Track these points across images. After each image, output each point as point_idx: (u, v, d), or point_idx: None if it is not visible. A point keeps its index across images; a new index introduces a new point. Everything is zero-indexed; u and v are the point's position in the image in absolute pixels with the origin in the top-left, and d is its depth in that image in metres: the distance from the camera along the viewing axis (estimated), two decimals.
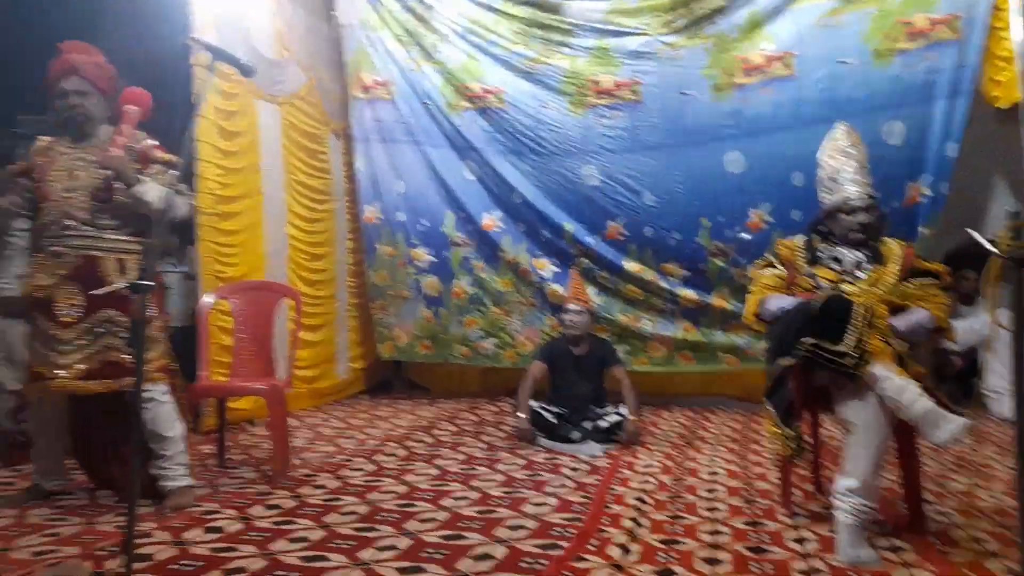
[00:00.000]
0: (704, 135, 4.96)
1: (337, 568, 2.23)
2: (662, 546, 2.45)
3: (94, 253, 2.84)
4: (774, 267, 2.84)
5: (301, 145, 5.25)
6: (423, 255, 5.67)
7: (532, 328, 5.53)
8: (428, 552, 2.36)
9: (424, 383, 6.21)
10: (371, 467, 3.58)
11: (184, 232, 4.61)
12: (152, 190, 2.80)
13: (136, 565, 1.97)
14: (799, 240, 2.84)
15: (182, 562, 2.29)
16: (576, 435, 3.95)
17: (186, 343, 3.85)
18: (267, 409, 4.17)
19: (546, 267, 5.45)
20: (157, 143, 2.97)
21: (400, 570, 2.21)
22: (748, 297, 2.86)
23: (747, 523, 2.70)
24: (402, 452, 3.92)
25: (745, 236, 4.94)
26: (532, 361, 4.37)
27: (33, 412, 3.05)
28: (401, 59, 5.52)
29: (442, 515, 2.76)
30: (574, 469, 3.49)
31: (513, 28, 5.28)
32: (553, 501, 2.96)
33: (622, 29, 5.11)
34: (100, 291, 2.78)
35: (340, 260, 5.77)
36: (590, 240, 5.27)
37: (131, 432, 2.99)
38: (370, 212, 5.74)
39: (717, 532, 2.60)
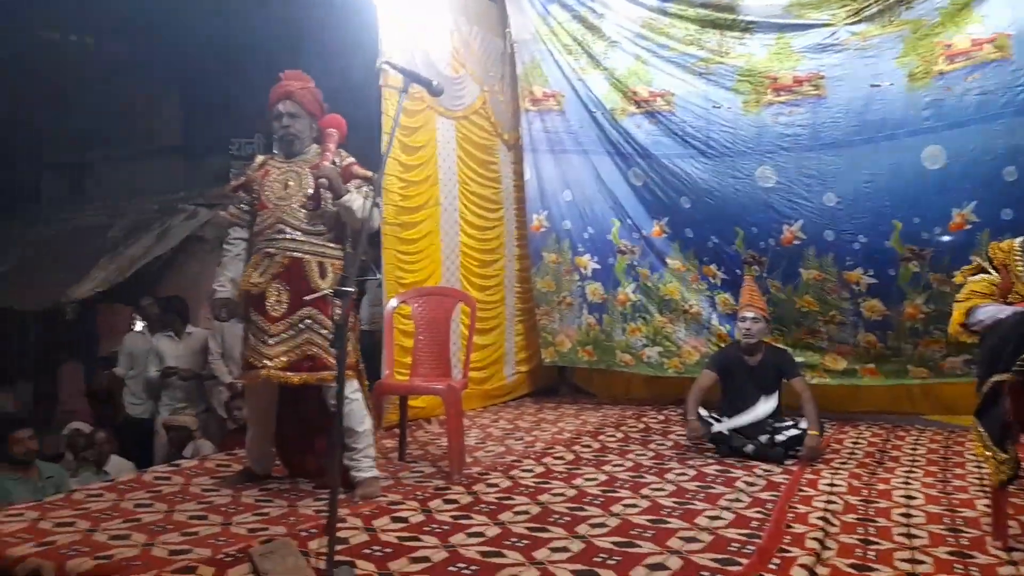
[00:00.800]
0: (897, 129, 4.57)
1: (514, 565, 2.31)
2: (853, 571, 2.30)
3: (300, 256, 3.13)
4: (986, 272, 2.58)
5: (474, 156, 5.49)
6: (588, 262, 5.71)
7: (699, 337, 5.39)
8: (601, 557, 2.38)
9: (589, 388, 6.24)
10: (540, 469, 3.67)
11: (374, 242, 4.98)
12: (357, 200, 3.07)
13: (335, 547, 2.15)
14: (1017, 243, 2.56)
15: (373, 547, 2.48)
16: (750, 448, 3.80)
17: (371, 345, 4.16)
18: (443, 408, 4.41)
19: (716, 274, 5.29)
20: (355, 160, 3.25)
21: (574, 572, 2.25)
22: (955, 305, 2.61)
23: (952, 553, 2.46)
24: (570, 456, 3.97)
25: (945, 238, 4.50)
26: (700, 371, 4.25)
27: (247, 401, 3.43)
28: (570, 69, 5.60)
29: (613, 521, 2.77)
30: (750, 483, 3.35)
31: (686, 29, 5.18)
32: (728, 515, 2.87)
33: (805, 22, 4.84)
34: (310, 296, 3.06)
35: (509, 266, 5.95)
36: (763, 245, 5.04)
37: (325, 425, 3.32)
38: (537, 220, 5.87)
39: (916, 561, 2.40)
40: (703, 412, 3.97)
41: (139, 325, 6.74)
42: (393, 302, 4.03)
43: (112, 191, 9.01)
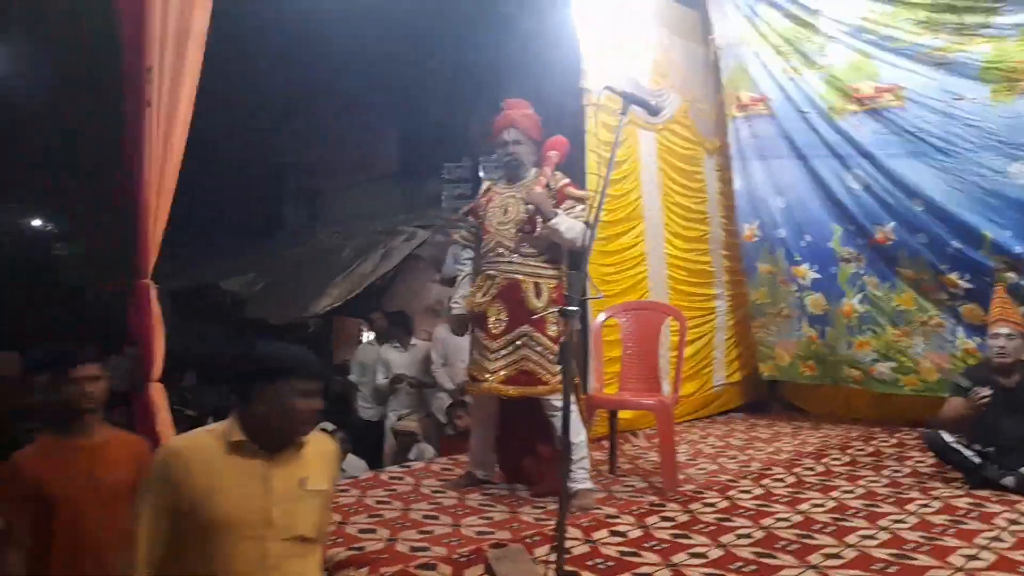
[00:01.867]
0: None
1: None
2: None
3: (517, 277, 3.31)
4: None
5: (677, 168, 5.41)
6: (806, 272, 5.36)
7: (941, 353, 4.84)
8: None
9: (802, 405, 5.85)
10: (759, 491, 3.51)
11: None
12: (564, 222, 3.19)
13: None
14: None
15: (596, 559, 2.53)
16: (1010, 480, 3.35)
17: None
18: (653, 422, 4.38)
19: (957, 284, 4.72)
20: (569, 181, 3.37)
21: None
22: None
23: None
24: (791, 479, 3.76)
25: None
26: (941, 389, 3.82)
27: (472, 409, 3.66)
28: (780, 71, 5.34)
29: (849, 552, 2.59)
30: (1013, 522, 2.95)
31: (916, 18, 4.72)
32: (988, 555, 2.55)
33: None
34: (536, 315, 3.25)
35: (716, 278, 5.78)
36: (1020, 250, 4.43)
37: (544, 434, 3.45)
38: (749, 230, 5.63)
39: None
40: (948, 438, 3.56)
41: (368, 336, 7.45)
42: (601, 316, 4.09)
43: (341, 216, 10.04)
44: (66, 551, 2.10)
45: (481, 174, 8.45)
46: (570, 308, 2.10)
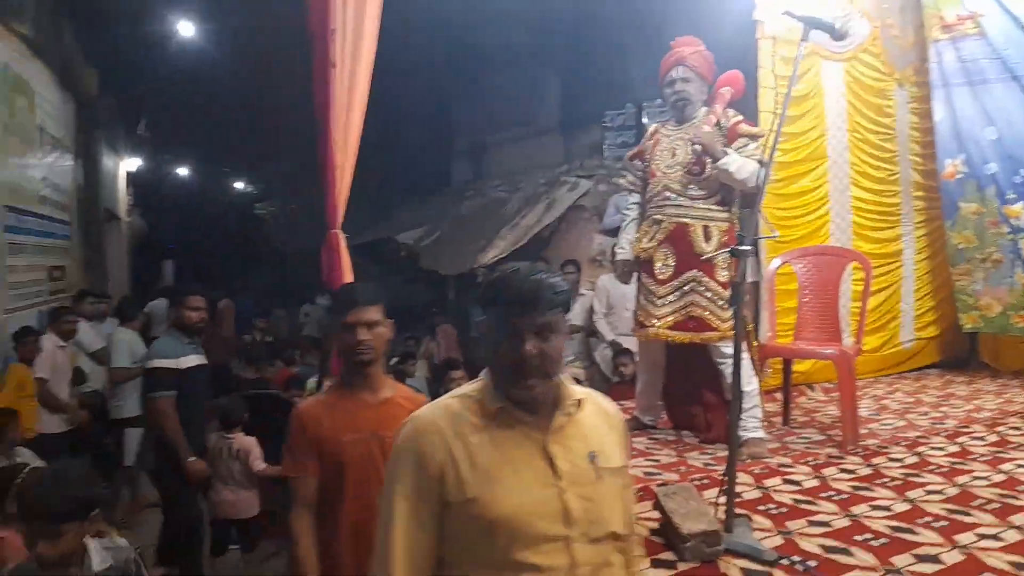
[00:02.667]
0: None
1: (931, 545, 2.12)
2: None
3: (685, 221, 3.23)
4: None
5: (865, 101, 4.95)
6: (1021, 211, 4.76)
7: None
8: None
9: (1006, 363, 5.20)
10: (954, 448, 3.24)
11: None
12: (734, 162, 3.06)
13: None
14: None
15: (768, 505, 2.48)
16: None
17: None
18: (833, 373, 4.15)
19: None
20: (742, 118, 3.22)
21: (1012, 564, 1.97)
22: None
23: None
24: (993, 437, 3.42)
25: None
26: None
27: (639, 355, 3.67)
28: None
29: None
30: None
31: None
32: None
33: None
34: (705, 259, 3.16)
35: (907, 220, 5.27)
36: None
37: (712, 381, 3.40)
38: (951, 166, 5.05)
39: None
40: None
41: None
42: (776, 262, 3.90)
43: (506, 169, 10.25)
44: (355, 517, 1.85)
45: (644, 120, 8.23)
46: (742, 247, 2.03)
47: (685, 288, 3.23)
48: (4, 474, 3.08)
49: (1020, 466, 2.92)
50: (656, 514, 2.23)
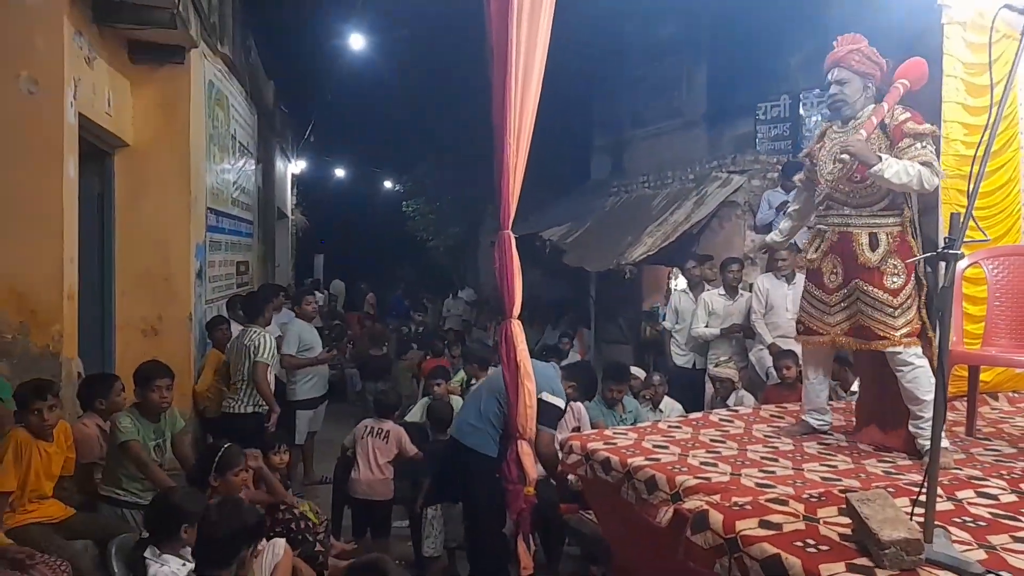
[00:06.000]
0: None
1: None
2: None
3: (849, 230, 3.17)
4: None
5: None
6: None
7: None
8: None
9: None
10: None
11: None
12: (891, 168, 2.93)
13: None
14: None
15: (964, 518, 2.39)
16: None
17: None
18: (1020, 383, 3.87)
19: None
20: (910, 115, 3.07)
21: None
22: None
23: None
24: None
25: None
26: None
27: (807, 359, 3.59)
28: None
29: None
30: None
31: None
32: None
33: None
34: (869, 267, 3.11)
35: None
36: None
37: (890, 388, 3.27)
38: None
39: None
40: None
41: (680, 284, 7.54)
42: (963, 263, 3.68)
43: (651, 164, 10.14)
44: None
45: (802, 112, 7.89)
46: (952, 252, 1.96)
47: (852, 298, 3.20)
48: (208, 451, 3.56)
49: None
50: (845, 519, 2.21)
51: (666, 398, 5.66)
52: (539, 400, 3.68)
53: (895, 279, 3.09)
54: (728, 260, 6.17)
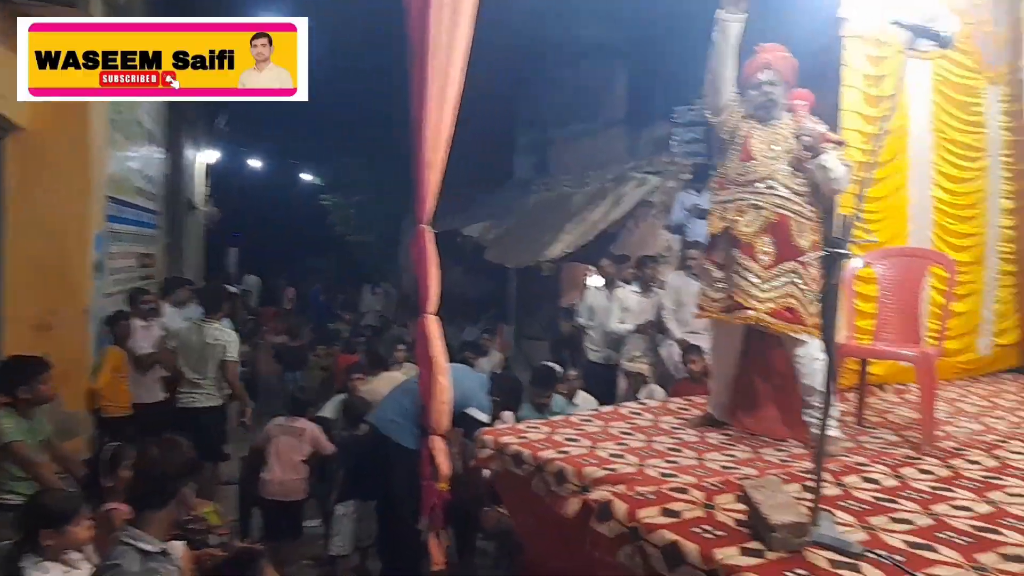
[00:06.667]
0: None
1: (1016, 545, 2.15)
2: None
3: (787, 213, 3.22)
4: None
5: (952, 99, 4.84)
6: None
7: None
8: None
9: None
10: None
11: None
12: (832, 160, 3.10)
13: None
14: None
15: (848, 501, 2.54)
16: None
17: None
18: (906, 376, 4.13)
19: None
20: (827, 127, 3.25)
21: None
22: None
23: None
24: None
25: None
26: None
27: (717, 345, 3.66)
28: None
29: None
30: None
31: None
32: None
33: None
34: (805, 257, 3.18)
35: (991, 222, 5.15)
36: None
37: (785, 378, 3.44)
38: None
39: None
40: None
41: (596, 282, 7.68)
42: (856, 263, 3.90)
43: (571, 164, 10.32)
44: None
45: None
46: (842, 251, 2.08)
47: (785, 277, 3.21)
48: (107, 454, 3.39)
49: None
50: (741, 506, 2.32)
51: (581, 392, 5.75)
52: (465, 414, 3.68)
53: (813, 269, 3.21)
54: (643, 258, 6.32)
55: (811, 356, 3.24)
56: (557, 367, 6.15)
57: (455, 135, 3.51)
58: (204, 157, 12.86)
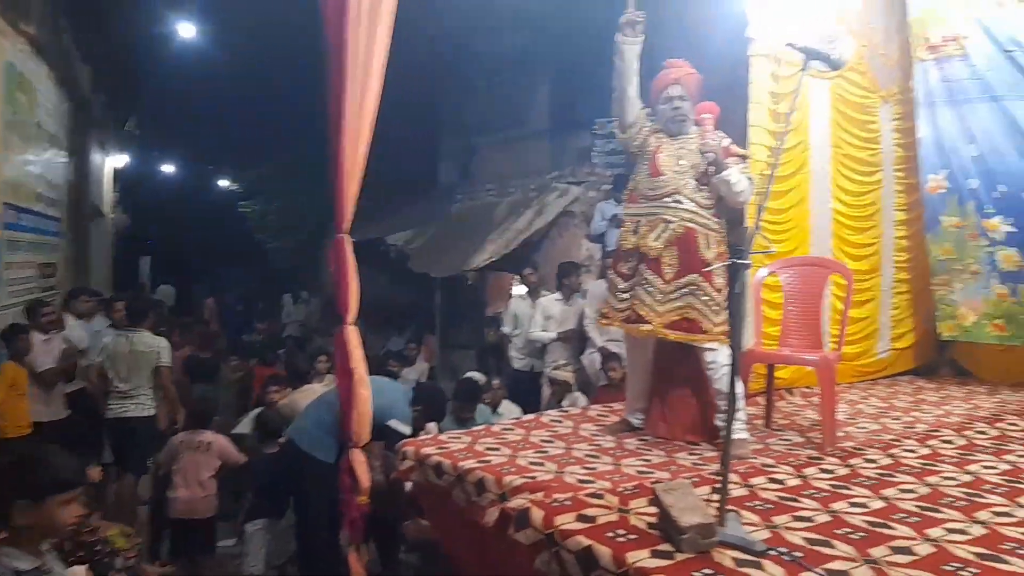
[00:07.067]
0: None
1: (904, 538, 2.29)
2: None
3: (693, 226, 3.35)
4: None
5: (849, 117, 5.16)
6: (999, 225, 4.98)
7: None
8: (1009, 545, 2.23)
9: (975, 370, 5.48)
10: (925, 451, 3.43)
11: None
12: (735, 175, 3.24)
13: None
14: None
15: (755, 502, 2.65)
16: None
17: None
18: (811, 380, 4.34)
19: None
20: (732, 140, 3.40)
21: (977, 555, 2.15)
22: None
23: None
24: (961, 441, 3.63)
25: None
26: None
27: (630, 353, 3.78)
28: (979, 6, 4.91)
29: (1021, 512, 2.53)
30: None
31: None
32: None
33: None
34: (709, 268, 3.30)
35: (886, 233, 5.50)
36: None
37: (697, 384, 3.57)
38: (934, 182, 5.27)
39: None
40: None
41: (520, 290, 7.75)
42: (762, 272, 4.08)
43: (495, 173, 10.37)
44: None
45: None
46: (743, 261, 2.18)
47: (685, 290, 3.35)
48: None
49: (986, 467, 3.13)
50: (653, 509, 2.39)
51: (504, 401, 5.78)
52: (386, 427, 3.64)
53: (718, 280, 3.34)
54: (565, 266, 6.42)
55: (720, 363, 3.37)
56: (481, 378, 6.18)
57: (377, 143, 3.48)
58: (113, 162, 12.28)
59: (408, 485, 3.69)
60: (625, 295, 3.48)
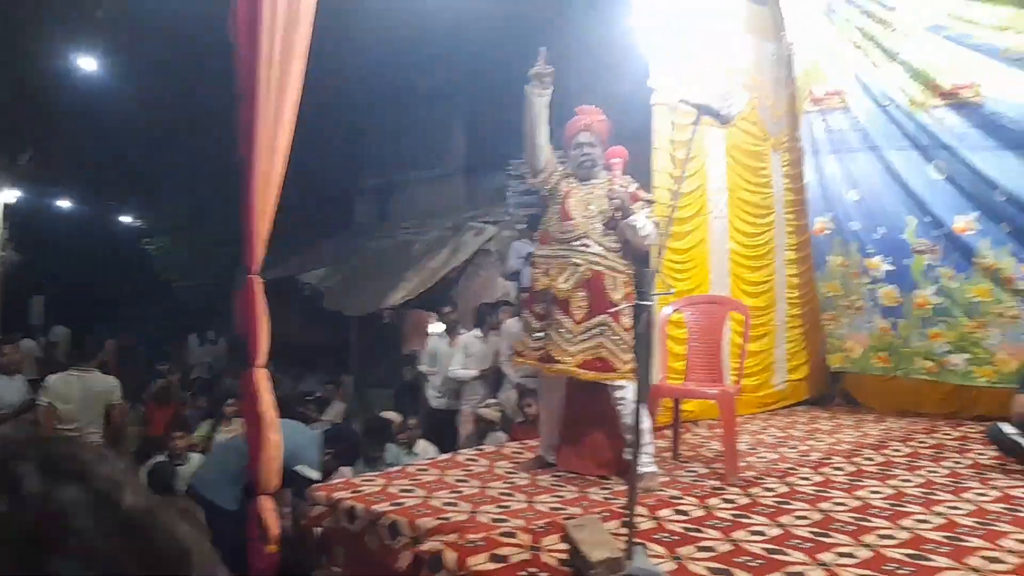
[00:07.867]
0: None
1: (799, 564, 2.43)
2: None
3: (601, 269, 3.49)
4: None
5: (743, 164, 5.51)
6: (879, 264, 5.39)
7: (1017, 344, 4.82)
8: (891, 567, 2.39)
9: (864, 399, 5.87)
10: (818, 478, 3.65)
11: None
12: (641, 220, 3.39)
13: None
14: None
15: (661, 534, 2.75)
16: None
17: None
18: (716, 412, 4.53)
19: None
20: (639, 185, 3.57)
21: None
22: None
23: None
24: (850, 467, 3.87)
25: None
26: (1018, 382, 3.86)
27: (543, 392, 3.87)
28: (857, 65, 5.37)
29: (903, 534, 2.73)
30: None
31: (997, 15, 4.72)
32: None
33: None
34: (614, 309, 3.42)
35: (779, 272, 5.86)
36: None
37: (607, 420, 3.67)
38: (820, 224, 5.67)
39: None
40: (1009, 430, 3.63)
41: (438, 328, 7.75)
42: (667, 310, 4.27)
43: (411, 211, 10.42)
44: None
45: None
46: (645, 303, 2.30)
47: (595, 330, 3.46)
48: None
49: (872, 492, 3.35)
50: (564, 545, 2.44)
51: (420, 440, 5.74)
52: (294, 472, 3.56)
53: (626, 319, 3.47)
54: (483, 304, 6.49)
55: (628, 399, 3.48)
56: (396, 417, 6.11)
57: (291, 181, 3.46)
58: (2, 197, 11.60)
59: (317, 531, 3.61)
60: (539, 335, 3.57)
